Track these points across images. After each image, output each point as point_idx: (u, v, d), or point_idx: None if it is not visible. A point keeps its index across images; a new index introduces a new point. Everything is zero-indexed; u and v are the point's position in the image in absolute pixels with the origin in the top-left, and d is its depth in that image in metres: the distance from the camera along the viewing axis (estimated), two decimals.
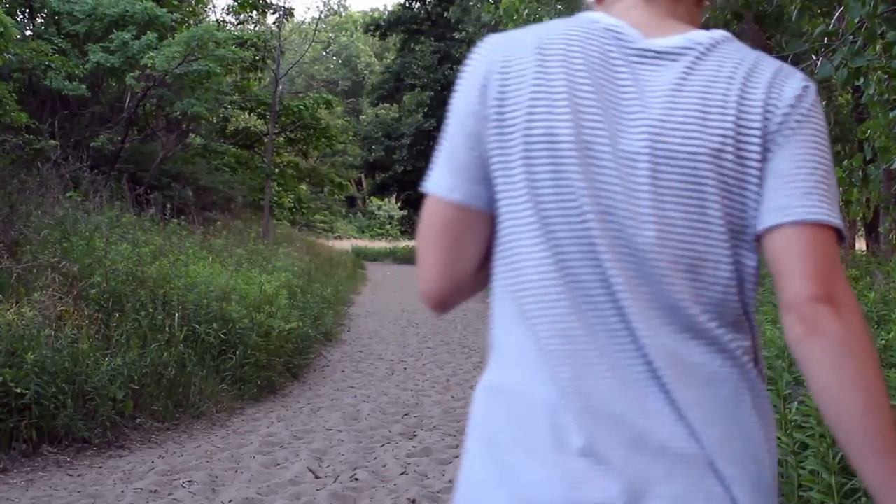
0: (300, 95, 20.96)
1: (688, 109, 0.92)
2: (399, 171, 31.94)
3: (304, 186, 23.14)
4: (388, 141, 32.43)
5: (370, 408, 6.09)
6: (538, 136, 0.93)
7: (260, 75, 17.78)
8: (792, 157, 0.91)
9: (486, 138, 0.96)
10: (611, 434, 0.87)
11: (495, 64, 0.97)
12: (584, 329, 0.90)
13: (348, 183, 26.61)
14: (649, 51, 0.96)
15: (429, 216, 0.99)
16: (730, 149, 0.91)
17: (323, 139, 19.38)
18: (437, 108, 32.31)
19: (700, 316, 0.90)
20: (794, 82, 0.95)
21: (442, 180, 0.98)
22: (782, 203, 0.90)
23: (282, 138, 19.26)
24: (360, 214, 49.65)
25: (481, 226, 0.98)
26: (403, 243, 38.27)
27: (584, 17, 1.00)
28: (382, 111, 36.82)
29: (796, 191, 0.90)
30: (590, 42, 0.96)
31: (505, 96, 0.95)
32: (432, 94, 31.82)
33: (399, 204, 39.24)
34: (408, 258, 33.03)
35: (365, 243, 39.79)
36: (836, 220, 0.90)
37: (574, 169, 0.91)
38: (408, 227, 37.00)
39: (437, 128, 23.55)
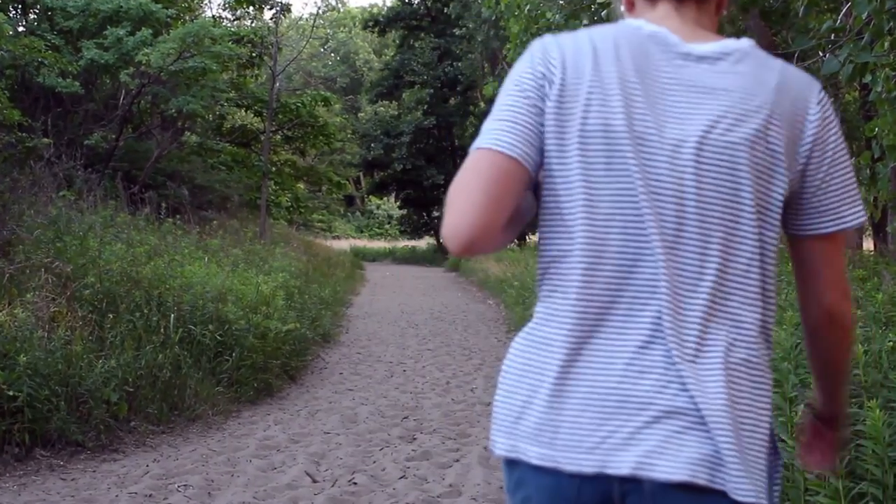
0: (297, 93, 20.97)
1: (729, 105, 1.10)
2: (398, 170, 31.90)
3: (301, 185, 23.13)
4: (386, 139, 32.40)
5: (369, 411, 6.09)
6: (594, 127, 1.10)
7: (257, 72, 17.79)
8: (831, 170, 1.15)
9: (545, 118, 1.12)
10: (614, 384, 1.07)
11: (557, 59, 1.14)
12: (613, 291, 1.09)
13: (346, 182, 26.61)
14: (691, 54, 1.14)
15: (480, 166, 1.11)
16: (762, 141, 1.10)
17: (321, 137, 19.38)
18: (437, 105, 32.31)
19: (724, 287, 1.08)
20: (819, 91, 1.17)
21: (502, 137, 1.12)
22: (823, 209, 1.16)
23: (279, 136, 19.26)
24: (358, 214, 49.65)
25: (524, 184, 1.12)
26: (403, 243, 38.27)
27: (629, 23, 1.18)
28: (381, 108, 36.83)
29: (828, 196, 1.15)
30: (637, 45, 1.14)
31: (564, 90, 1.12)
32: (432, 91, 31.78)
33: (398, 203, 39.20)
34: (407, 258, 33.02)
35: (363, 243, 39.79)
36: (859, 218, 1.17)
37: (629, 154, 1.08)
38: (407, 226, 36.93)
39: (437, 125, 23.61)
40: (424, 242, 36.65)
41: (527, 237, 29.08)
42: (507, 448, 1.13)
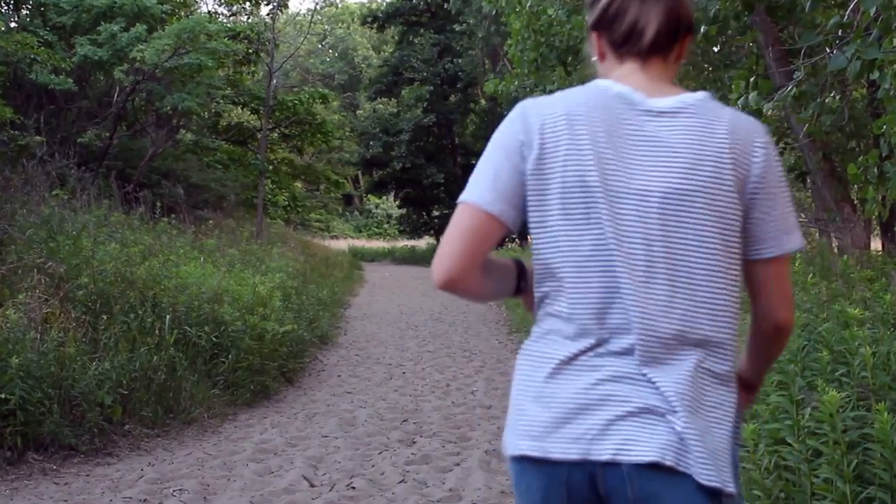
0: (295, 90, 20.97)
1: (686, 156, 1.31)
2: (397, 168, 31.90)
3: (298, 184, 23.14)
4: (385, 137, 32.40)
5: (367, 413, 6.09)
6: (572, 183, 1.31)
7: (253, 69, 17.79)
8: (773, 201, 1.35)
9: (525, 179, 1.34)
10: (594, 388, 1.30)
11: (535, 123, 1.35)
12: (591, 314, 1.31)
13: (345, 180, 26.61)
14: (652, 110, 1.34)
15: (462, 219, 1.34)
16: (717, 184, 1.30)
17: (318, 135, 19.39)
18: (437, 102, 32.29)
19: (690, 313, 1.30)
20: (764, 134, 1.37)
21: (484, 195, 1.34)
22: (770, 237, 1.37)
23: (276, 134, 19.27)
24: (356, 213, 49.66)
25: (499, 235, 1.35)
26: (402, 243, 38.26)
27: (597, 84, 1.38)
28: (380, 106, 36.82)
29: (775, 225, 1.36)
30: (605, 105, 1.34)
31: (543, 152, 1.33)
32: (432, 88, 31.77)
33: (397, 202, 39.23)
34: (406, 258, 33.02)
35: (362, 243, 39.78)
36: (797, 243, 1.40)
37: (602, 206, 1.29)
38: (406, 226, 36.95)
39: (437, 123, 23.58)
40: (424, 242, 36.65)
41: (528, 237, 28.83)
42: (513, 447, 1.34)
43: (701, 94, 1.37)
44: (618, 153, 1.32)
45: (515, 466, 1.35)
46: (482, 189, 1.34)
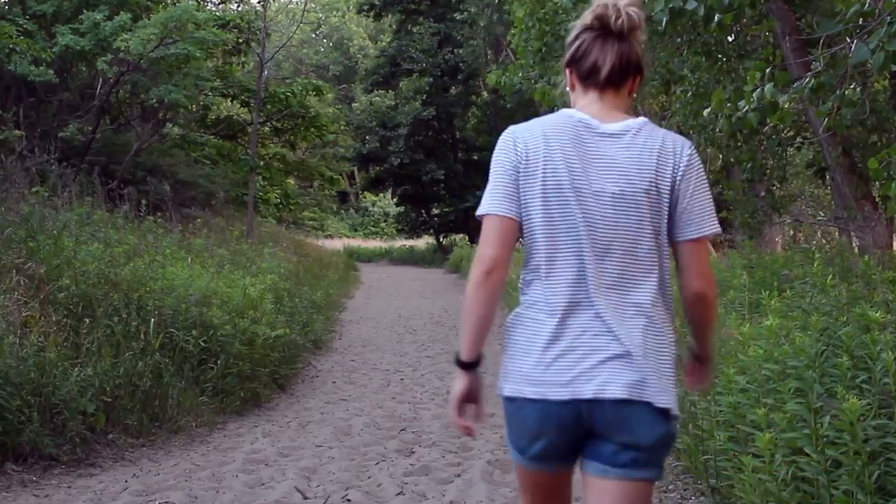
0: (287, 81, 20.96)
1: (630, 166, 1.90)
2: (395, 164, 31.89)
3: (291, 181, 23.15)
4: (383, 131, 32.41)
5: (364, 422, 6.09)
6: (550, 185, 1.90)
7: (243, 59, 17.80)
8: (693, 197, 1.93)
9: (519, 184, 1.92)
10: (573, 343, 1.87)
11: (521, 143, 1.94)
12: (565, 287, 1.89)
13: (340, 177, 26.63)
14: (605, 133, 1.94)
15: (491, 224, 1.93)
16: (654, 187, 1.90)
17: (312, 129, 19.40)
18: (437, 95, 32.30)
19: (642, 274, 1.90)
20: (687, 148, 1.96)
21: (501, 205, 1.92)
22: (688, 223, 1.93)
23: (267, 128, 19.28)
24: (352, 211, 49.66)
25: (516, 228, 1.94)
26: (400, 243, 38.27)
27: (565, 112, 1.98)
28: (377, 98, 36.82)
29: (693, 215, 1.93)
30: (571, 128, 1.94)
31: (528, 162, 1.92)
32: (431, 80, 31.79)
33: (395, 200, 39.22)
34: (405, 259, 33.03)
35: (358, 242, 39.79)
36: (713, 229, 1.94)
37: (572, 201, 1.89)
38: (404, 224, 36.95)
39: (437, 117, 23.50)
40: (423, 242, 36.66)
41: None
42: (511, 390, 1.93)
43: (641, 119, 1.97)
44: (581, 163, 1.91)
45: (513, 404, 1.93)
46: (497, 202, 1.94)
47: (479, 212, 1.94)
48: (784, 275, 6.38)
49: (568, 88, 2.05)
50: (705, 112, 6.43)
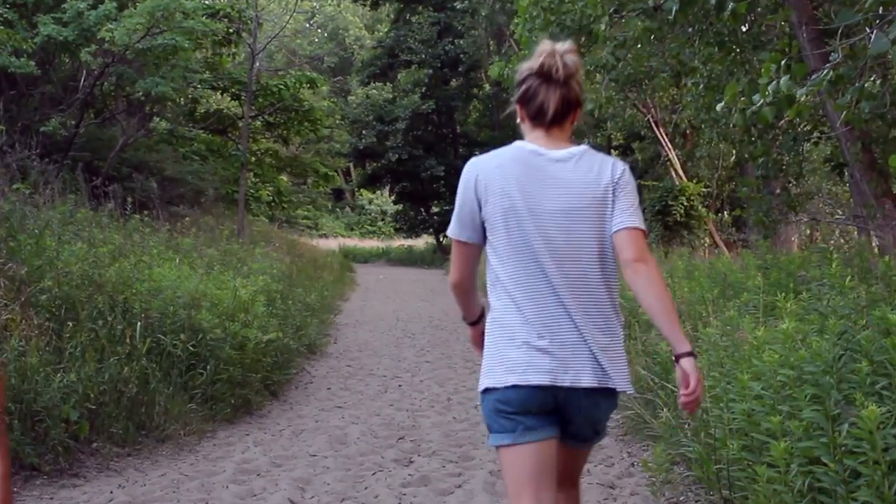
0: (280, 73, 20.97)
1: (576, 186, 2.41)
2: (393, 160, 31.92)
3: (284, 177, 23.13)
4: (380, 125, 32.42)
5: (360, 430, 6.10)
6: (507, 207, 2.40)
7: (234, 50, 17.79)
8: (624, 199, 2.43)
9: (479, 210, 2.45)
10: (548, 338, 2.36)
11: (482, 176, 2.46)
12: (533, 290, 2.38)
13: (335, 173, 26.62)
14: (553, 158, 2.44)
15: (456, 249, 2.54)
16: (597, 200, 2.41)
17: (306, 123, 19.39)
18: (437, 87, 32.30)
19: (594, 276, 2.40)
20: (620, 166, 2.48)
21: (463, 232, 2.50)
22: (622, 219, 2.40)
23: (259, 122, 19.27)
24: (348, 209, 49.64)
25: (477, 252, 2.53)
26: (398, 242, 38.28)
27: (517, 144, 2.48)
28: (374, 91, 36.81)
29: (626, 214, 2.41)
30: (523, 157, 2.45)
31: (487, 190, 2.43)
32: (431, 71, 31.80)
33: (393, 197, 39.20)
34: (403, 259, 33.04)
35: (354, 242, 39.78)
36: (642, 225, 2.41)
37: (527, 220, 2.39)
38: (403, 223, 36.96)
39: (437, 110, 23.46)
40: (422, 241, 36.67)
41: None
42: (491, 382, 2.40)
43: (583, 147, 2.50)
44: (533, 186, 2.42)
45: (489, 395, 2.41)
46: (460, 229, 2.53)
47: (447, 233, 2.60)
48: (800, 276, 6.38)
49: (519, 121, 2.56)
50: (718, 106, 6.43)
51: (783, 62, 4.66)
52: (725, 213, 19.66)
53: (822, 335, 3.57)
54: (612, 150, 28.08)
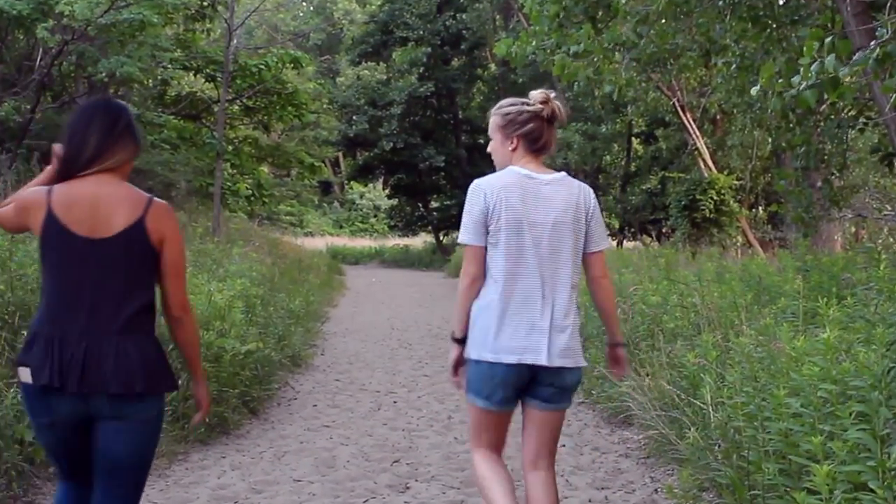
0: (260, 52, 20.98)
1: (560, 204, 3.48)
2: (387, 149, 31.95)
3: (265, 169, 23.17)
4: (372, 110, 32.45)
5: (350, 452, 6.10)
6: (510, 220, 3.42)
7: (209, 26, 17.81)
8: (596, 225, 3.57)
9: (486, 221, 3.43)
10: (527, 325, 3.46)
11: (488, 193, 3.44)
12: (522, 283, 3.43)
13: (322, 164, 26.65)
14: (542, 181, 3.49)
15: (472, 251, 3.47)
16: (575, 221, 3.49)
17: (289, 108, 19.42)
18: (436, 68, 32.34)
19: (565, 276, 3.47)
20: (592, 195, 3.60)
21: (477, 238, 3.45)
22: (594, 243, 3.57)
23: (237, 107, 19.31)
24: (336, 204, 49.74)
25: (485, 253, 3.48)
26: (392, 241, 38.35)
27: (512, 169, 3.50)
28: (366, 72, 36.89)
29: (597, 239, 3.58)
30: (519, 180, 3.47)
31: (493, 206, 3.42)
32: (430, 50, 31.83)
33: (387, 191, 39.26)
34: (398, 260, 33.08)
35: (343, 241, 39.85)
36: (606, 246, 3.67)
37: (525, 229, 3.43)
38: (398, 220, 37.02)
39: (436, 93, 23.55)
40: (420, 240, 36.70)
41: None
42: (477, 355, 3.42)
43: (562, 173, 3.54)
44: (529, 203, 3.40)
45: (480, 364, 3.41)
46: (474, 236, 3.43)
47: (461, 240, 3.51)
48: (844, 279, 6.39)
49: (511, 149, 3.54)
50: (752, 89, 6.41)
51: (825, 39, 4.66)
52: (760, 208, 19.68)
53: (868, 345, 3.57)
54: (634, 138, 28.13)
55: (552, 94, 3.53)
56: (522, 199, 3.38)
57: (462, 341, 3.54)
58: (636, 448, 5.92)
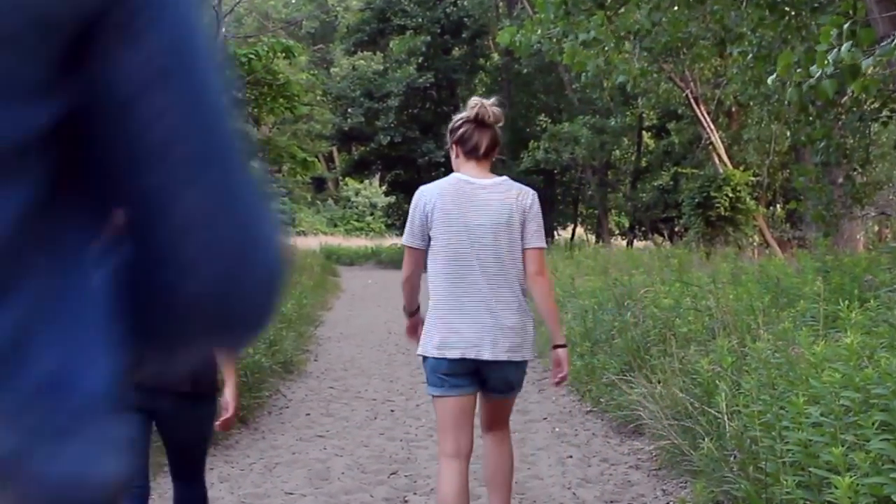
0: (250, 41, 21.01)
1: (497, 207, 3.91)
2: (384, 143, 31.98)
3: (254, 164, 23.13)
4: (369, 102, 32.48)
5: (345, 464, 6.11)
6: (447, 224, 3.89)
7: None
8: (532, 224, 3.97)
9: (427, 223, 3.93)
10: (470, 321, 3.91)
11: (427, 199, 3.93)
12: (466, 284, 3.87)
13: (315, 159, 26.69)
14: (479, 185, 3.93)
15: (409, 253, 4.06)
16: (511, 220, 3.92)
17: (281, 100, 19.44)
18: (436, 57, 32.37)
19: (511, 276, 3.92)
20: (531, 195, 4.01)
21: (415, 241, 3.98)
22: (530, 241, 3.96)
23: None
24: (331, 202, 49.80)
25: (424, 255, 4.01)
26: (390, 241, 38.36)
27: (454, 176, 3.97)
28: (361, 62, 36.88)
29: (534, 236, 3.97)
30: (456, 185, 3.94)
31: (433, 209, 3.91)
32: (429, 38, 31.86)
33: (384, 187, 39.30)
34: (396, 261, 33.00)
35: (338, 241, 39.89)
36: (543, 245, 4.06)
37: (463, 230, 3.89)
38: (395, 218, 37.03)
39: (436, 84, 23.70)
40: None
41: (555, 233, 29.09)
42: (423, 351, 3.90)
43: (503, 177, 3.99)
44: (465, 207, 3.81)
45: (427, 360, 3.86)
46: (413, 238, 3.92)
47: (402, 242, 4.08)
48: (867, 281, 6.40)
49: (454, 156, 3.99)
50: (769, 80, 6.44)
51: (846, 26, 4.66)
52: (778, 206, 19.70)
53: (892, 351, 3.57)
54: (645, 132, 28.16)
55: (488, 102, 3.94)
56: (458, 203, 3.81)
57: (412, 313, 4.19)
58: (647, 459, 5.92)
